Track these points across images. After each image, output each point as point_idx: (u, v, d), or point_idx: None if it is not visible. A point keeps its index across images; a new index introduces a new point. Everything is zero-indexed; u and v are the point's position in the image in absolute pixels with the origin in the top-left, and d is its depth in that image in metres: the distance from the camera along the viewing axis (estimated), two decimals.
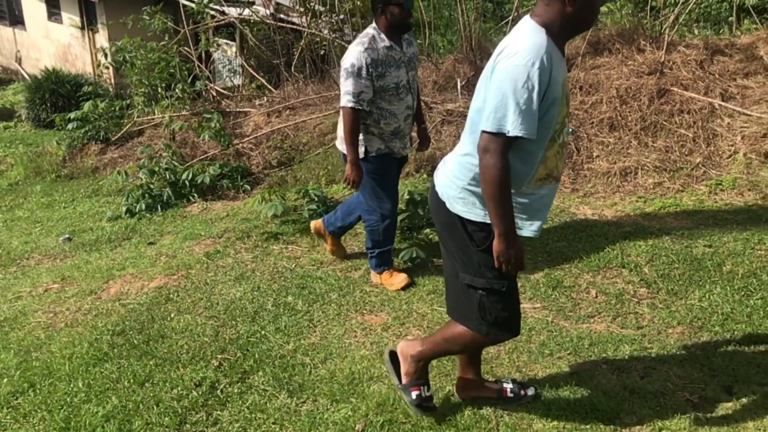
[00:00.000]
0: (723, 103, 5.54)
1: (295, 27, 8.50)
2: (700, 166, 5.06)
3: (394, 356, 2.72)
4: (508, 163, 2.09)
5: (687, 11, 7.97)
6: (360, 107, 3.47)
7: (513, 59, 2.03)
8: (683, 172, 5.02)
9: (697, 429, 2.50)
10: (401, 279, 3.81)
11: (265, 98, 7.91)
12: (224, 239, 4.73)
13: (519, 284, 3.69)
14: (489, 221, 2.21)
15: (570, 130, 5.53)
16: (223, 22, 8.55)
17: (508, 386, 2.75)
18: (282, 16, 9.34)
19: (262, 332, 3.42)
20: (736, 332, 3.13)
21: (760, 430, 2.46)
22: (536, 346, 3.14)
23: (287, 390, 2.93)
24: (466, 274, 2.33)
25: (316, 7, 8.42)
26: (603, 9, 11.86)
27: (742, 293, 3.45)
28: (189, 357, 3.24)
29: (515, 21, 8.50)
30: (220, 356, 3.23)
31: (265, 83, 8.31)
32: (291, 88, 7.92)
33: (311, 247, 4.44)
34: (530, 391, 2.74)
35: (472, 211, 2.25)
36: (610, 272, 3.81)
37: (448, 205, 2.31)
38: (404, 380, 2.64)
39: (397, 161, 3.77)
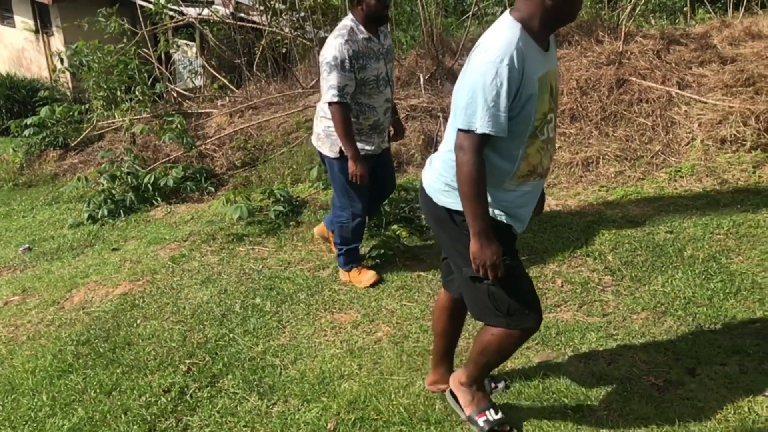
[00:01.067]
0: (680, 92, 5.65)
1: (255, 26, 8.42)
2: (659, 153, 5.16)
3: (453, 393, 2.67)
4: (482, 161, 2.06)
5: (643, 2, 8.12)
6: (345, 101, 3.39)
7: (483, 56, 2.02)
8: (643, 161, 5.11)
9: (663, 412, 2.55)
10: (370, 276, 3.81)
11: (227, 98, 7.83)
12: (189, 242, 4.67)
13: None
14: None
15: None
16: (182, 22, 8.42)
17: None
18: (242, 15, 9.24)
19: (231, 335, 3.39)
20: (697, 315, 3.20)
21: (722, 409, 2.52)
22: None
23: (257, 392, 2.91)
24: (467, 267, 2.25)
25: (277, 5, 8.35)
26: None
27: (703, 277, 3.53)
28: (157, 363, 3.19)
29: (476, 15, 8.56)
30: (188, 361, 3.19)
31: (227, 83, 8.22)
32: (253, 87, 7.85)
33: (278, 247, 4.41)
34: (500, 384, 2.76)
35: (458, 201, 2.19)
36: (575, 261, 3.86)
37: (435, 199, 2.29)
38: (467, 411, 2.53)
39: (376, 158, 3.69)
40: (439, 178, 2.28)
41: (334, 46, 3.36)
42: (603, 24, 7.03)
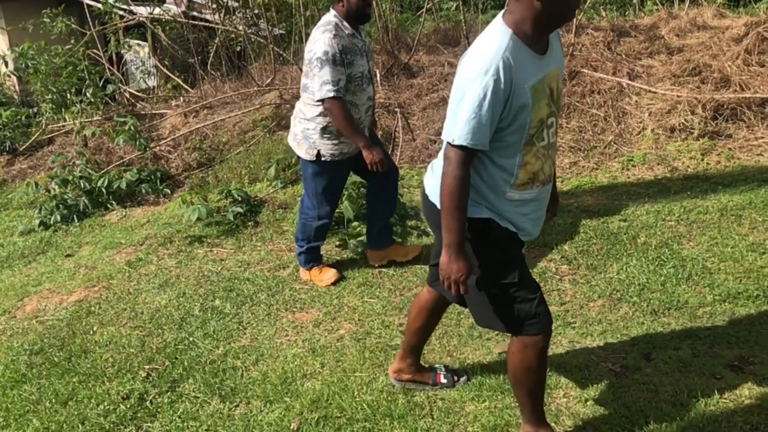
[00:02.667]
0: (630, 82, 5.78)
1: (209, 24, 8.30)
2: (612, 143, 5.26)
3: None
4: (464, 174, 1.98)
5: None
6: (341, 95, 3.31)
7: (468, 66, 1.93)
8: (597, 151, 5.21)
9: (620, 397, 2.60)
10: (331, 275, 3.79)
11: (181, 99, 7.70)
12: (146, 246, 4.58)
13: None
14: (482, 216, 2.11)
15: None
16: (132, 21, 8.25)
17: (442, 372, 2.80)
18: (195, 13, 9.09)
19: (191, 339, 3.34)
20: (651, 301, 3.28)
21: (676, 392, 2.59)
22: (465, 329, 3.20)
23: (219, 395, 2.88)
24: (473, 274, 2.18)
25: (230, 3, 8.24)
26: None
27: (656, 263, 3.62)
28: (115, 370, 3.13)
29: (430, 11, 8.59)
30: (147, 367, 3.14)
31: (181, 83, 8.09)
32: (208, 86, 7.74)
33: (237, 248, 4.37)
34: (462, 378, 2.79)
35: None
36: (533, 251, 3.91)
37: (437, 203, 2.17)
38: None
39: (355, 159, 3.59)
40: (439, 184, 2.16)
41: (323, 41, 3.27)
42: None
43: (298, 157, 3.65)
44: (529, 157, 2.05)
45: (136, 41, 9.57)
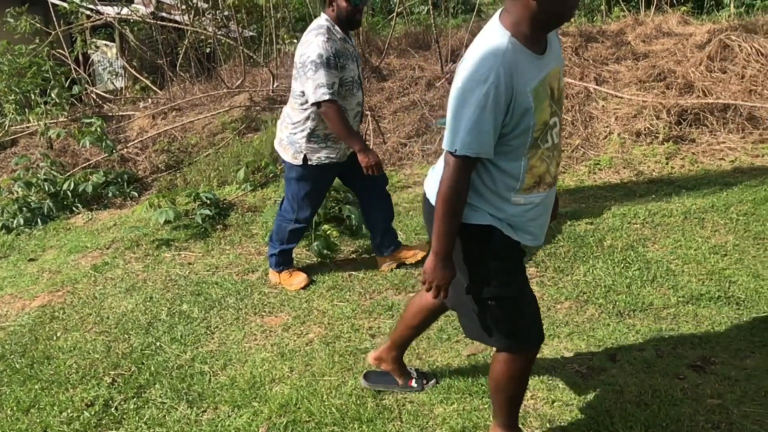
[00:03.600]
0: (597, 87, 5.86)
1: (178, 25, 8.21)
2: (579, 147, 5.33)
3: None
4: (464, 183, 1.94)
5: None
6: (336, 99, 3.27)
7: (467, 72, 1.85)
8: (564, 155, 5.27)
9: (586, 398, 2.64)
10: (301, 279, 3.77)
11: (150, 100, 7.60)
12: (112, 250, 4.51)
13: (412, 274, 3.78)
14: (483, 222, 2.05)
15: (442, 121, 5.68)
16: (99, 22, 8.12)
17: (414, 376, 2.79)
18: (164, 14, 8.99)
19: (157, 343, 3.30)
20: (617, 303, 3.33)
21: (640, 392, 2.63)
22: (434, 332, 3.21)
23: (186, 401, 2.85)
24: (470, 284, 2.13)
25: (199, 4, 8.17)
26: (489, 0, 12.25)
27: (622, 265, 3.68)
28: (79, 377, 3.07)
29: (401, 14, 8.62)
30: (113, 372, 3.09)
31: (150, 84, 7.99)
32: (177, 88, 7.66)
33: (205, 252, 4.32)
34: (431, 381, 2.80)
35: (467, 214, 2.04)
36: None
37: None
38: None
39: (341, 165, 3.57)
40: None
41: (317, 44, 3.23)
42: None
43: (283, 162, 3.61)
44: (534, 161, 2.00)
45: (104, 42, 9.44)
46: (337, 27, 3.34)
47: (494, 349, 2.28)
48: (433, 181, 2.15)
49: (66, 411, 2.83)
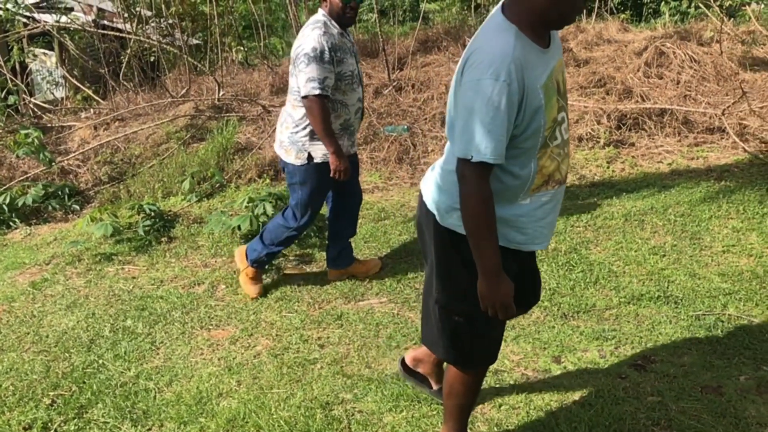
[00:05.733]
0: None
1: (120, 34, 8.03)
2: None
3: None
4: (488, 192, 1.80)
5: None
6: (327, 93, 3.23)
7: (477, 71, 1.74)
8: None
9: (532, 400, 2.68)
10: (255, 290, 3.72)
11: (92, 110, 7.41)
12: (52, 266, 4.37)
13: (361, 283, 3.77)
14: None
15: (404, 127, 5.72)
16: (37, 30, 7.88)
17: None
18: (105, 22, 8.79)
19: (100, 361, 3.21)
20: (562, 305, 3.40)
21: (584, 393, 2.69)
22: (384, 339, 3.21)
23: (131, 419, 2.78)
24: (442, 295, 2.05)
25: (143, 12, 8.02)
26: (433, 7, 12.38)
27: (566, 268, 3.75)
28: (16, 399, 2.96)
29: None
30: (52, 393, 2.99)
31: (92, 94, 7.78)
32: (120, 98, 7.48)
33: (150, 265, 4.23)
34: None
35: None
36: None
37: (438, 218, 2.01)
38: None
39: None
40: (442, 197, 2.00)
41: (313, 38, 3.21)
42: (470, 30, 7.32)
43: (283, 169, 3.56)
44: (544, 160, 1.90)
45: (42, 50, 9.15)
46: (333, 22, 3.33)
47: None
48: (435, 189, 2.04)
49: None
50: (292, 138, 3.43)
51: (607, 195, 4.68)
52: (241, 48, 8.60)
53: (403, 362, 2.71)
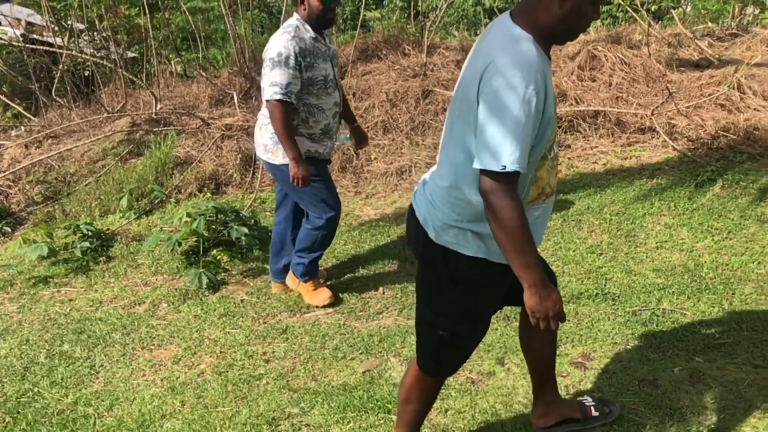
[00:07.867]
0: None
1: (51, 49, 7.79)
2: None
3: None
4: (520, 202, 1.73)
5: (445, 16, 8.64)
6: (288, 99, 3.18)
7: (503, 80, 1.69)
8: None
9: (478, 404, 2.71)
10: (325, 296, 3.62)
11: (22, 128, 7.16)
12: None
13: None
14: (481, 256, 1.91)
15: (346, 136, 5.72)
16: None
17: (591, 405, 2.53)
18: (35, 36, 8.51)
19: (35, 389, 3.09)
20: (505, 307, 3.44)
21: (528, 393, 2.73)
22: (330, 351, 3.20)
23: None
24: (429, 310, 2.05)
25: (74, 25, 7.79)
26: (375, 15, 12.44)
27: None
28: None
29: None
30: None
31: (22, 111, 7.51)
32: (53, 114, 7.25)
33: (87, 286, 4.10)
34: (614, 408, 2.55)
35: (462, 243, 1.91)
36: (394, 267, 4.00)
37: (434, 235, 1.95)
38: None
39: (325, 164, 3.52)
40: (437, 214, 1.95)
41: (279, 43, 3.19)
42: (409, 38, 7.38)
43: (274, 174, 3.48)
44: (541, 172, 1.89)
45: None
46: (307, 26, 3.30)
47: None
48: (429, 202, 1.99)
49: None
50: (275, 138, 3.37)
51: None
52: (180, 60, 8.45)
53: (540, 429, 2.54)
